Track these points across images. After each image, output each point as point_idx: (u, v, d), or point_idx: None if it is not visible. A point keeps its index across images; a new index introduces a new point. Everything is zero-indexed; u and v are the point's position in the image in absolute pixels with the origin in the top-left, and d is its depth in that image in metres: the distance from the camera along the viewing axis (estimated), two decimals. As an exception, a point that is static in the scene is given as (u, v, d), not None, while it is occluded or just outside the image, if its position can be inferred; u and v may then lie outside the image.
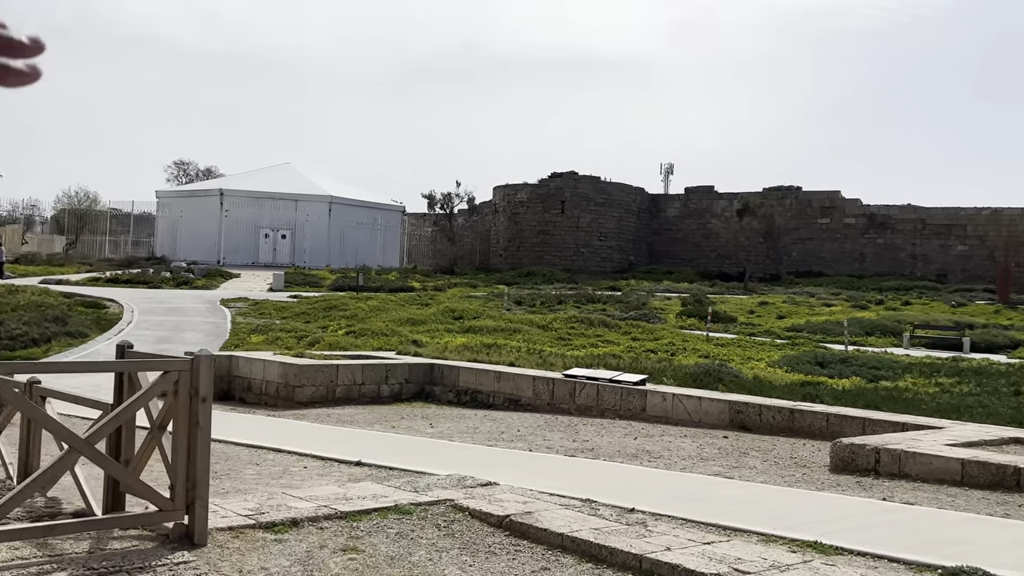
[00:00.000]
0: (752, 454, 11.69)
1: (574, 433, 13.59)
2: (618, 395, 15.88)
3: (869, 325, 29.58)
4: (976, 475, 9.28)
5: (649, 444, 12.50)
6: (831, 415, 13.26)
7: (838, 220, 52.24)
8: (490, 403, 17.87)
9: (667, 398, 15.17)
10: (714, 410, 14.56)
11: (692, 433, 13.70)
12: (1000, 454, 9.98)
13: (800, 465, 10.80)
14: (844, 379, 18.86)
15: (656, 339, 25.81)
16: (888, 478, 9.73)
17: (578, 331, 26.83)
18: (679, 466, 10.57)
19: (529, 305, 33.82)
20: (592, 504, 7.62)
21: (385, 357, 19.84)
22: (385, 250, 51.53)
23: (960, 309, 35.72)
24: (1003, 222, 49.49)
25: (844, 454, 10.23)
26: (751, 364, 21.43)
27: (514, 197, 53.48)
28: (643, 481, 9.17)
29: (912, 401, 15.57)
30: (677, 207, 56.61)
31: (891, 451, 9.88)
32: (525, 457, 10.95)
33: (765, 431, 13.84)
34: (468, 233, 58.65)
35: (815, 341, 26.86)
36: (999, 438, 11.39)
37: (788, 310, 34.29)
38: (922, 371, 20.36)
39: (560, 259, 52.04)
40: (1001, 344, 27.09)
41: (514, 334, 25.43)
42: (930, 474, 9.55)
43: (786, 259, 52.80)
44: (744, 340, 26.05)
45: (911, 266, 50.36)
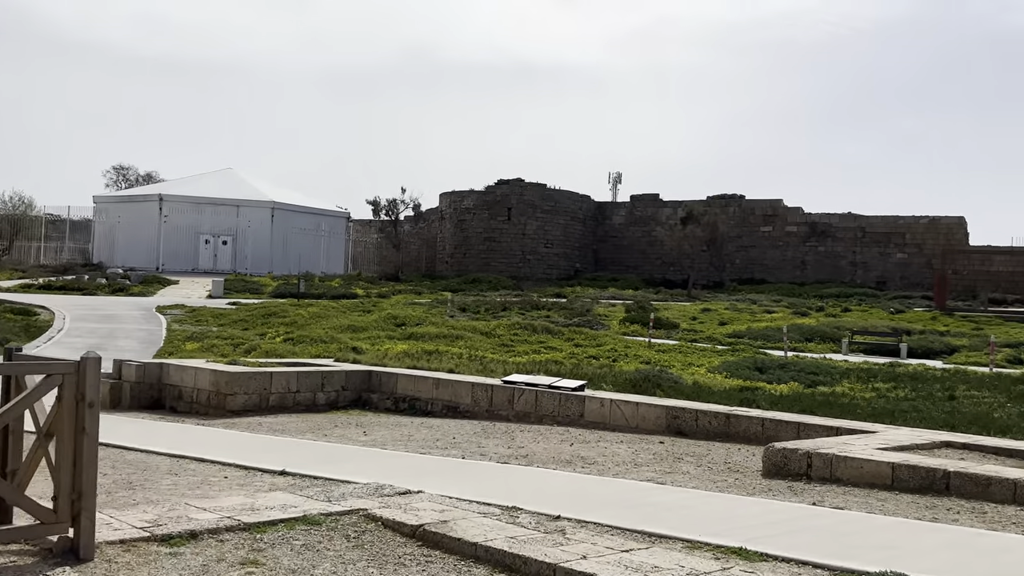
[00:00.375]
0: (687, 459, 11.58)
1: (510, 440, 13.37)
2: (556, 401, 15.71)
3: (809, 331, 29.85)
4: (906, 479, 9.24)
5: (585, 450, 12.33)
6: (766, 420, 13.22)
7: (780, 228, 52.86)
8: (428, 410, 17.58)
9: (605, 404, 15.03)
10: (651, 416, 14.45)
11: (629, 439, 13.57)
12: (930, 458, 9.98)
13: (734, 470, 10.71)
14: (782, 384, 18.93)
15: (599, 345, 25.74)
16: (820, 482, 9.67)
17: (521, 338, 26.65)
18: (612, 472, 10.40)
19: (473, 312, 33.58)
20: (516, 512, 7.40)
21: (322, 364, 19.46)
22: (329, 257, 50.91)
23: (898, 316, 36.27)
24: (940, 230, 50.47)
25: (777, 459, 10.16)
26: (691, 370, 21.44)
27: (460, 204, 53.25)
28: (573, 488, 8.98)
29: (848, 406, 15.63)
30: (623, 215, 56.84)
31: (823, 455, 9.82)
32: (456, 464, 10.70)
33: (701, 436, 13.76)
34: (414, 240, 58.25)
35: (756, 347, 27.01)
36: (930, 442, 11.42)
37: (730, 316, 34.50)
38: (859, 376, 20.53)
39: (506, 266, 51.89)
40: (937, 350, 27.50)
41: (456, 341, 25.17)
42: (861, 478, 9.50)
43: (729, 266, 53.27)
44: (685, 346, 26.10)
45: (851, 273, 51.11)
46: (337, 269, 51.53)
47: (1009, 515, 8.15)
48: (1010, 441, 11.84)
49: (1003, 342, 29.16)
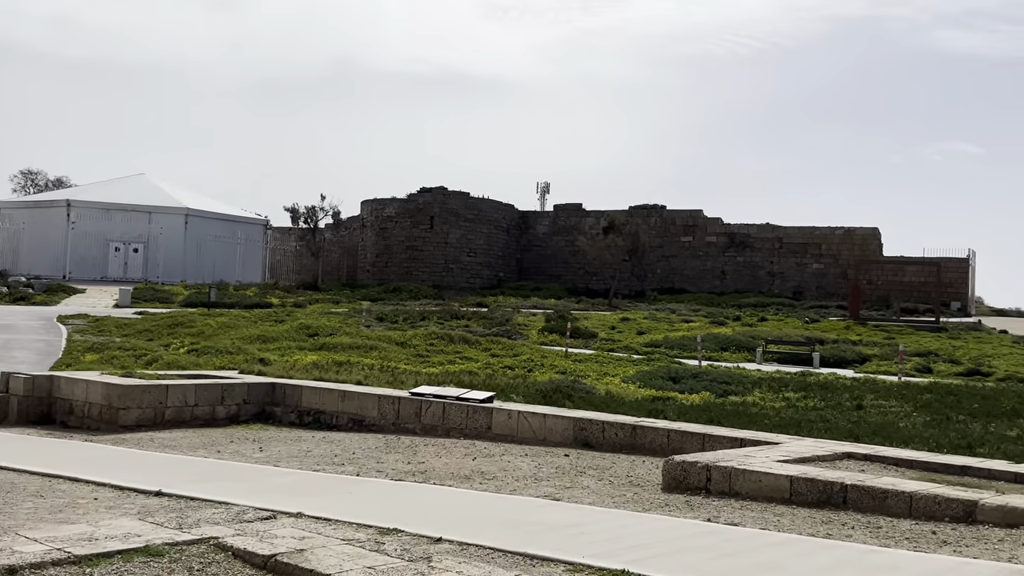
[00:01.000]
0: (589, 473, 11.30)
1: (412, 454, 12.94)
2: (464, 413, 15.33)
3: (724, 341, 30.03)
4: (804, 492, 9.09)
5: (487, 464, 11.97)
6: (672, 431, 13.04)
7: (700, 238, 53.41)
8: (334, 424, 17.03)
9: (513, 416, 14.71)
10: (559, 428, 14.17)
11: (534, 452, 13.25)
12: (829, 471, 9.86)
13: (635, 484, 10.46)
14: (694, 394, 18.86)
15: (515, 355, 25.45)
16: (719, 496, 9.47)
17: (437, 348, 26.22)
18: (510, 488, 10.06)
19: (391, 321, 33.02)
20: (396, 533, 7.00)
21: (224, 376, 18.73)
22: (245, 265, 49.71)
23: (813, 325, 36.80)
24: (855, 241, 51.55)
25: (676, 472, 9.93)
26: (606, 380, 21.28)
27: (382, 212, 52.56)
28: (464, 506, 8.61)
29: (756, 416, 15.58)
30: (546, 224, 56.82)
31: (722, 468, 9.62)
32: (347, 482, 10.24)
33: (608, 448, 13.52)
34: (335, 248, 57.33)
35: (671, 356, 27.03)
36: (832, 453, 11.34)
37: (648, 326, 34.58)
38: (771, 386, 20.60)
39: (429, 275, 51.37)
40: (849, 359, 27.88)
41: (370, 351, 24.62)
42: (759, 492, 9.33)
43: (651, 276, 53.61)
44: (602, 356, 25.98)
45: (769, 283, 51.87)
46: (254, 278, 50.36)
47: (904, 530, 8.03)
48: (911, 452, 11.84)
49: (913, 351, 29.75)
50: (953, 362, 27.44)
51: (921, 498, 8.48)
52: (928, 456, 11.40)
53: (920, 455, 11.46)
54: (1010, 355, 30.32)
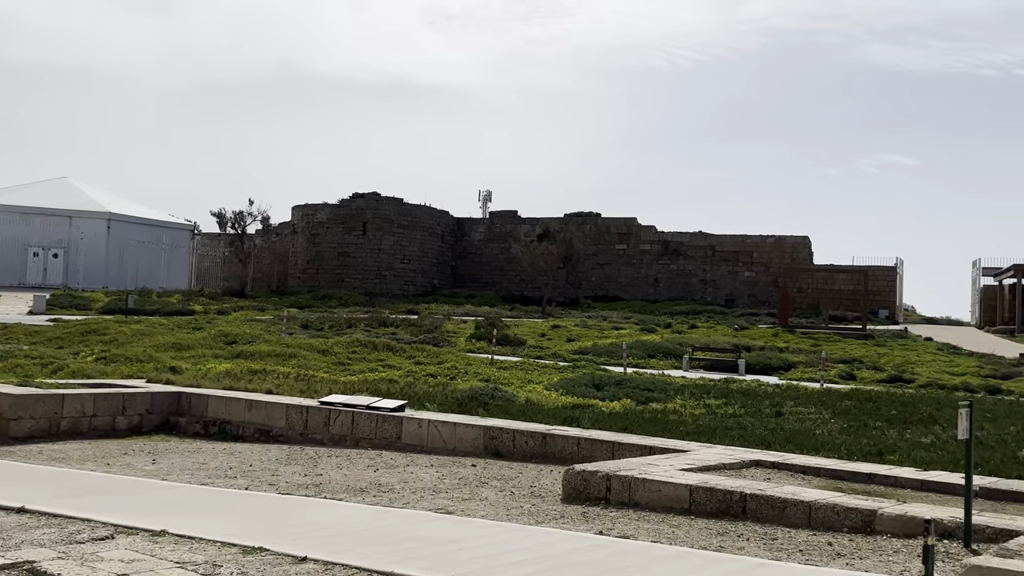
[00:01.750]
0: (492, 483, 10.90)
1: (312, 466, 12.41)
2: (374, 423, 14.83)
3: (652, 348, 29.90)
4: (704, 502, 8.80)
5: (388, 476, 11.50)
6: (582, 439, 12.71)
7: (635, 246, 53.49)
8: (239, 435, 16.40)
9: (423, 425, 14.26)
10: (469, 437, 13.76)
11: (441, 462, 12.81)
12: (732, 479, 9.58)
13: (536, 495, 10.08)
14: (615, 402, 18.57)
15: (440, 363, 24.95)
16: (618, 507, 9.14)
17: (360, 355, 25.59)
18: (405, 500, 9.61)
19: (317, 329, 32.28)
20: (258, 553, 6.51)
21: (127, 385, 17.96)
22: (171, 271, 48.39)
23: (742, 332, 36.93)
24: (786, 249, 52.08)
25: (576, 482, 9.58)
26: (529, 387, 20.92)
27: (313, 218, 51.65)
28: (345, 521, 8.13)
29: (672, 423, 15.34)
30: (482, 231, 56.44)
31: (622, 478, 9.29)
32: (232, 497, 9.69)
33: (519, 457, 13.15)
34: (266, 255, 56.21)
35: (598, 364, 26.79)
36: (740, 461, 11.11)
37: (579, 333, 34.35)
38: (693, 393, 20.43)
39: (361, 282, 50.60)
40: (775, 366, 27.91)
41: (289, 359, 23.90)
42: (659, 502, 9.02)
43: (585, 283, 53.53)
44: (528, 363, 25.61)
45: (702, 291, 52.12)
46: (181, 284, 49.14)
47: (800, 541, 7.77)
48: (821, 459, 11.66)
49: (838, 358, 29.94)
50: (876, 369, 27.65)
51: (820, 508, 8.24)
52: (837, 464, 11.23)
53: (829, 463, 11.28)
54: (933, 362, 30.68)
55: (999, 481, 10.33)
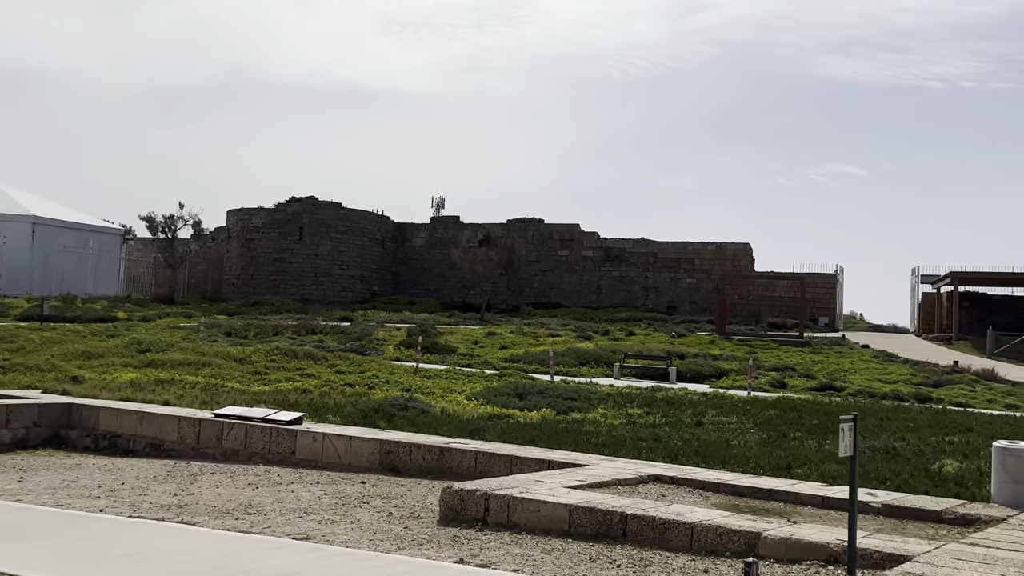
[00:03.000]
0: (374, 503, 10.18)
1: (189, 485, 11.58)
2: (268, 437, 14.03)
3: (585, 355, 29.36)
4: (583, 524, 8.18)
5: (265, 495, 10.72)
6: (480, 453, 12.05)
7: (577, 252, 53.04)
8: (130, 449, 15.48)
9: (318, 439, 13.49)
10: (365, 451, 13.03)
11: (330, 479, 12.06)
12: (620, 497, 8.97)
13: (415, 516, 9.38)
14: (534, 412, 17.94)
15: (362, 372, 24.12)
16: (495, 529, 8.48)
17: (279, 364, 24.66)
18: (265, 524, 8.85)
19: (241, 336, 31.26)
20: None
21: (17, 396, 16.93)
22: (99, 277, 46.81)
23: (679, 340, 36.58)
24: (727, 256, 51.98)
25: (453, 502, 8.91)
26: (451, 397, 20.23)
27: (248, 222, 50.40)
28: (180, 550, 7.36)
29: (586, 434, 14.77)
30: (424, 237, 55.59)
31: (500, 498, 8.64)
32: (74, 521, 8.84)
33: (415, 473, 12.45)
34: (201, 260, 54.83)
35: (527, 372, 26.16)
36: (638, 476, 10.53)
37: (513, 340, 33.73)
38: (616, 402, 19.90)
39: (298, 288, 49.47)
40: (707, 374, 27.52)
41: (202, 368, 22.91)
42: (538, 523, 8.38)
43: (528, 290, 52.95)
44: (454, 372, 24.90)
45: (644, 298, 51.81)
46: (110, 290, 47.60)
47: (677, 567, 7.17)
48: (725, 473, 11.13)
49: (771, 366, 29.65)
50: (808, 376, 27.38)
51: (702, 530, 7.65)
52: (740, 479, 10.70)
53: (732, 477, 10.75)
54: (866, 370, 30.55)
55: (904, 497, 9.86)
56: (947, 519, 9.02)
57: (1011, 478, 9.74)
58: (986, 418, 19.22)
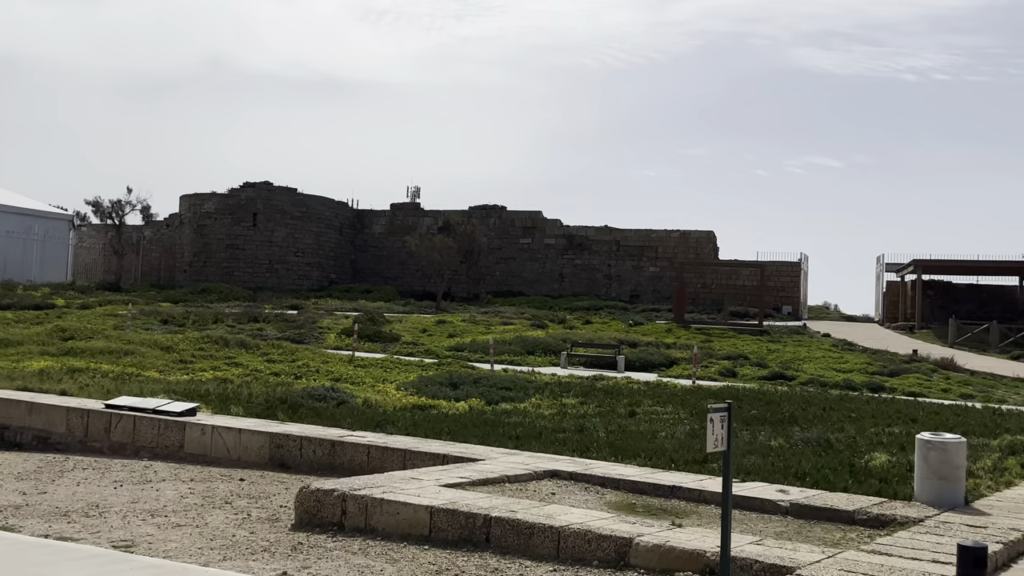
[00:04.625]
0: (237, 503, 9.21)
1: (50, 482, 10.56)
2: (156, 429, 13.01)
3: (533, 344, 28.47)
4: (445, 528, 7.25)
5: (120, 495, 9.72)
6: (373, 448, 11.09)
7: (539, 240, 52.09)
8: (17, 441, 14.39)
9: (207, 432, 12.49)
10: (254, 445, 12.04)
11: (207, 476, 11.07)
12: (493, 497, 8.04)
13: (274, 519, 8.41)
14: (462, 402, 17.00)
15: (293, 361, 23.10)
16: (350, 534, 7.54)
17: (207, 352, 23.59)
18: (98, 528, 7.86)
19: (179, 324, 30.14)
20: None
21: (-99, 386, 15.78)
22: (45, 264, 45.34)
23: (635, 328, 35.76)
24: (691, 244, 51.20)
25: (309, 504, 7.95)
26: (379, 387, 19.27)
27: (201, 208, 49.04)
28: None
29: (507, 425, 13.88)
30: (383, 224, 54.42)
31: (358, 499, 7.69)
32: None
33: (305, 469, 11.48)
34: (156, 248, 53.45)
35: (472, 360, 25.25)
36: (532, 472, 9.61)
37: (464, 328, 32.78)
38: (553, 391, 19.03)
39: (252, 276, 48.21)
40: (657, 363, 26.71)
41: (124, 357, 21.81)
42: (397, 527, 7.44)
43: (489, 278, 51.95)
44: (391, 361, 23.92)
45: (607, 287, 50.95)
46: (58, 278, 46.17)
47: (534, 578, 6.25)
48: (630, 468, 10.24)
49: (725, 354, 28.90)
50: (761, 365, 26.61)
51: (571, 535, 6.74)
52: (645, 474, 9.80)
53: (637, 472, 9.86)
54: (822, 359, 29.86)
55: (819, 495, 9.00)
56: (860, 520, 8.17)
57: (934, 474, 8.90)
58: (935, 408, 18.49)
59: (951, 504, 8.75)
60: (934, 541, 6.99)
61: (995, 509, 8.74)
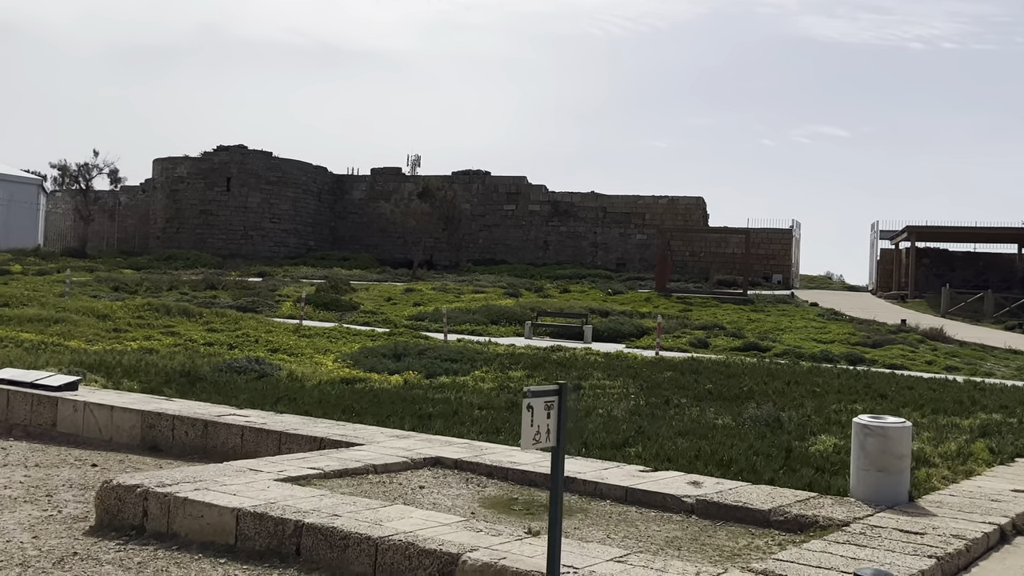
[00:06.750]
0: (58, 496, 7.90)
1: None
2: (30, 405, 11.71)
3: (498, 313, 27.14)
4: (252, 536, 5.92)
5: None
6: (248, 429, 9.77)
7: (524, 207, 50.58)
8: None
9: (79, 409, 11.18)
10: (126, 424, 10.73)
11: (55, 461, 9.75)
12: (326, 496, 6.69)
13: (81, 519, 7.09)
14: (398, 375, 15.69)
15: (235, 330, 21.84)
16: (146, 542, 6.22)
17: (146, 321, 22.35)
18: None
19: (131, 292, 28.87)
20: None
21: None
22: (11, 229, 43.97)
23: (614, 297, 34.42)
24: (679, 211, 49.69)
25: (110, 502, 6.63)
26: (318, 358, 17.99)
27: (173, 172, 47.53)
28: None
29: (423, 401, 12.57)
30: (364, 189, 52.90)
31: (161, 498, 6.36)
32: None
33: (177, 452, 10.17)
34: (131, 213, 52.06)
35: (432, 331, 23.96)
36: (409, 460, 8.28)
37: (431, 297, 31.44)
38: (502, 363, 17.69)
39: (226, 243, 46.84)
40: (626, 333, 25.39)
41: (53, 325, 20.58)
42: (201, 533, 6.12)
43: (472, 246, 50.52)
44: (339, 331, 22.64)
45: (593, 255, 49.53)
46: (28, 243, 44.87)
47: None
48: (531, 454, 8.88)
49: (700, 324, 27.59)
50: (736, 336, 25.26)
51: (389, 549, 5.40)
52: (542, 461, 8.45)
53: (533, 460, 8.51)
54: (804, 328, 28.53)
55: (737, 489, 7.65)
56: (775, 522, 6.83)
57: (872, 465, 7.55)
58: (910, 382, 17.08)
59: (891, 501, 7.41)
60: (849, 556, 5.65)
61: (944, 507, 7.39)
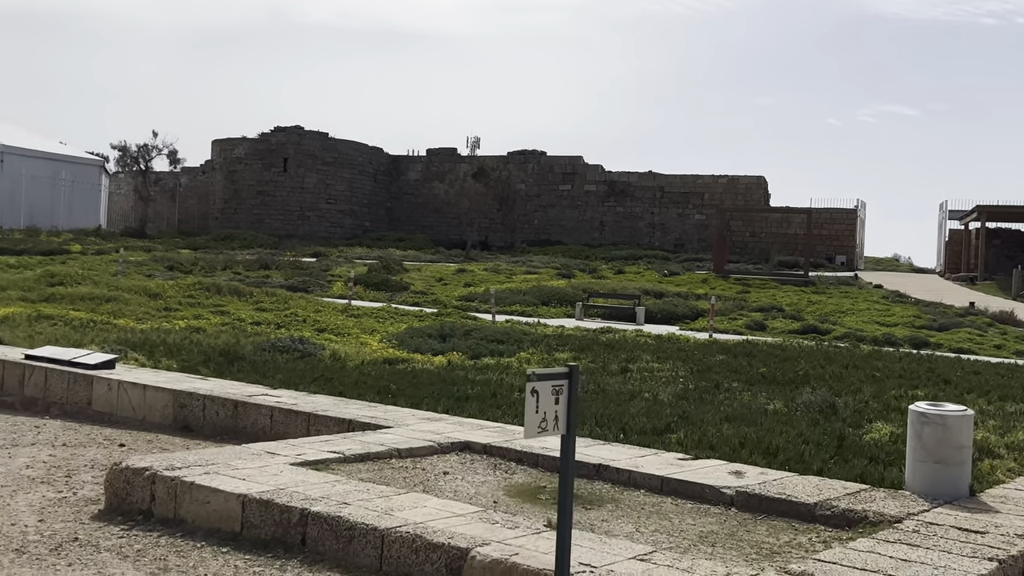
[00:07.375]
0: (78, 477, 7.73)
1: (-94, 444, 9.22)
2: (66, 384, 11.65)
3: (550, 294, 26.70)
4: (258, 524, 5.63)
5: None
6: (277, 410, 9.54)
7: (579, 187, 49.91)
8: (-65, 394, 13.23)
9: (113, 388, 11.07)
10: (159, 404, 10.59)
11: (84, 440, 9.64)
12: (342, 482, 6.36)
13: (90, 502, 6.88)
14: (440, 356, 15.40)
15: (284, 309, 21.77)
16: (152, 527, 5.97)
17: (196, 300, 22.40)
18: None
19: (185, 271, 29.08)
20: None
21: None
22: (74, 209, 44.68)
23: (670, 278, 33.72)
24: (739, 190, 48.58)
25: (119, 486, 6.40)
26: (364, 338, 17.81)
27: (231, 153, 47.90)
28: None
29: (464, 383, 12.22)
30: (419, 170, 52.72)
31: (168, 482, 6.11)
32: None
33: (208, 433, 9.99)
34: (191, 194, 52.69)
35: (481, 311, 23.66)
36: (436, 444, 7.94)
37: (483, 278, 31.11)
38: (549, 344, 17.26)
39: (282, 223, 47.09)
40: (680, 314, 24.76)
41: (105, 303, 20.71)
42: (207, 520, 5.85)
43: (527, 226, 50.05)
44: (388, 311, 22.42)
45: (650, 235, 48.70)
46: (90, 223, 45.58)
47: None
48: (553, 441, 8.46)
49: (759, 306, 26.83)
50: (795, 318, 24.47)
51: (395, 541, 5.05)
52: (577, 447, 8.04)
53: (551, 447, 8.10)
54: (867, 311, 27.57)
55: (782, 479, 7.15)
56: (821, 516, 6.33)
57: (930, 456, 6.99)
58: (977, 367, 16.21)
59: (950, 495, 6.84)
60: (899, 557, 5.14)
61: (1008, 503, 6.80)
